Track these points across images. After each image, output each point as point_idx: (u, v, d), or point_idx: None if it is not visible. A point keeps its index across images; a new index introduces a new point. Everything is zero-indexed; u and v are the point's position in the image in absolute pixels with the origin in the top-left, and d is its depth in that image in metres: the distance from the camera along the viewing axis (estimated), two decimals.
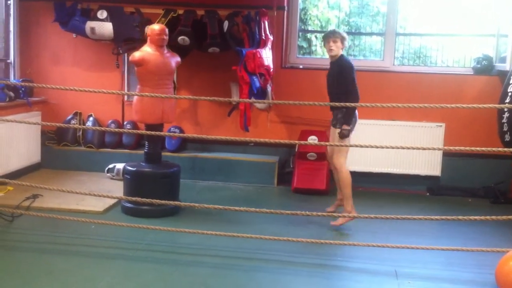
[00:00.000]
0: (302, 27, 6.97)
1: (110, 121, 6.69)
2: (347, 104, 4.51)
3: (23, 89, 6.22)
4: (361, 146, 4.23)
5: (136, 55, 4.95)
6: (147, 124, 5.17)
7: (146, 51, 4.99)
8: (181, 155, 6.45)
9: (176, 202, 4.87)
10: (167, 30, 5.12)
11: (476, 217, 4.16)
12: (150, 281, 3.68)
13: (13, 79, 6.57)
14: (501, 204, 5.88)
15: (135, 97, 5.14)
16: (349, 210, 4.84)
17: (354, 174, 6.28)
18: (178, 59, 5.30)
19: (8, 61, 6.59)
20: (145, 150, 5.21)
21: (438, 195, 6.21)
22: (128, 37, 6.17)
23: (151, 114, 5.05)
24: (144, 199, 4.39)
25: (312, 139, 6.18)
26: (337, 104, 4.56)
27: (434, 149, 4.85)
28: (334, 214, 5.07)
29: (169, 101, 5.11)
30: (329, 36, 4.85)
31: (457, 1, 6.72)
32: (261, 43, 5.90)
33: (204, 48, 6.10)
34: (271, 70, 5.98)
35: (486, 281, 3.79)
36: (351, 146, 4.68)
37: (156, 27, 5.05)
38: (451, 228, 4.99)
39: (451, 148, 4.45)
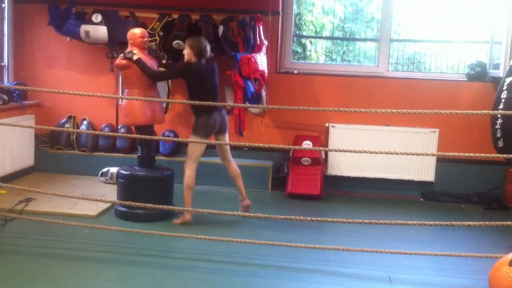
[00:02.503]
0: (297, 32, 6.98)
1: (104, 125, 6.67)
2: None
3: (17, 92, 6.19)
4: (355, 152, 4.23)
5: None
6: (138, 127, 5.17)
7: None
8: (175, 159, 6.43)
9: (170, 207, 4.85)
10: (147, 32, 5.23)
11: (469, 223, 4.17)
12: (143, 285, 3.67)
13: (7, 82, 6.54)
14: (494, 210, 5.90)
15: (124, 101, 5.16)
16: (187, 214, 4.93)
17: (347, 179, 6.39)
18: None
19: (2, 64, 6.56)
20: (139, 154, 5.20)
21: (432, 201, 6.21)
22: (122, 41, 6.14)
23: (143, 115, 5.06)
24: (137, 203, 4.38)
25: (307, 144, 6.19)
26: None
27: (428, 154, 4.86)
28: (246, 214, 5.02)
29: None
30: None
31: (451, 8, 6.74)
32: (256, 48, 5.91)
33: None
34: (266, 75, 5.99)
35: (479, 287, 3.80)
36: (346, 151, 4.68)
37: (137, 31, 5.12)
38: (445, 233, 5.00)
39: (444, 153, 4.45)
